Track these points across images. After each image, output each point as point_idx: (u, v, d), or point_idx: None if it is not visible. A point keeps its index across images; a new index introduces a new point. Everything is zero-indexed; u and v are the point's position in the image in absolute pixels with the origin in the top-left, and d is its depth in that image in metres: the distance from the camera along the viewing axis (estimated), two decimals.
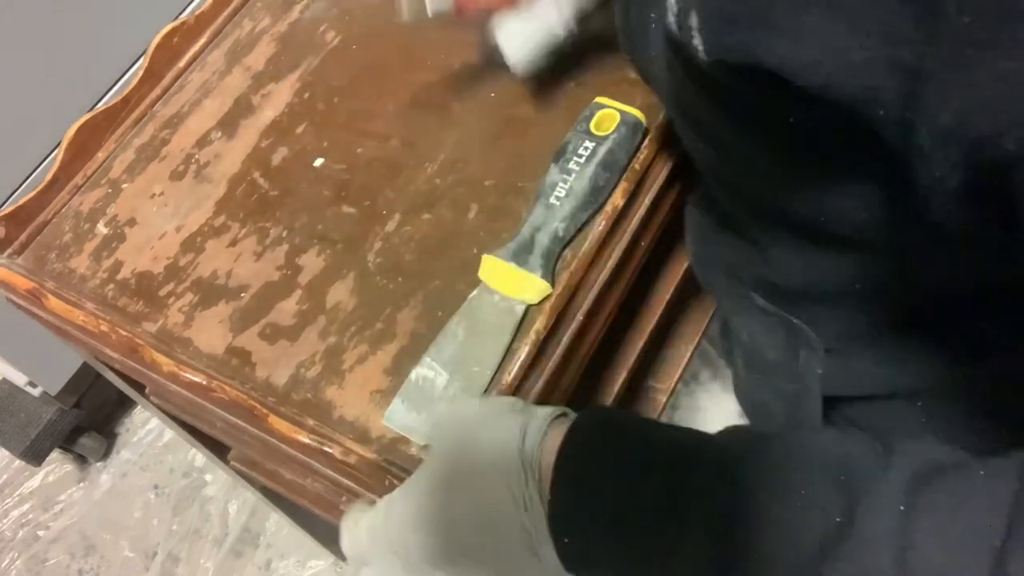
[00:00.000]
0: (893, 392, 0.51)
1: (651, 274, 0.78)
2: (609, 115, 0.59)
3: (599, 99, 0.61)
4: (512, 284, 0.56)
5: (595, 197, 0.58)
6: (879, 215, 0.39)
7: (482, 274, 0.58)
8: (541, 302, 0.56)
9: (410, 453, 0.53)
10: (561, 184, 0.58)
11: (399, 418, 0.54)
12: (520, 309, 0.56)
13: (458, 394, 0.54)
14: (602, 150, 0.58)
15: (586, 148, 0.58)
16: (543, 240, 0.57)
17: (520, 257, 0.56)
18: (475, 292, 0.57)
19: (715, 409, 1.28)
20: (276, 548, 1.31)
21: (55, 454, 1.38)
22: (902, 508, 0.33)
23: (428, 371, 0.55)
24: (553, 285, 0.57)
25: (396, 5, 0.59)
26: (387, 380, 0.56)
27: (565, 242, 0.58)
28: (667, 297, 0.77)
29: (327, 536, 1.21)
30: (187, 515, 1.36)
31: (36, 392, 1.29)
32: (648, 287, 0.78)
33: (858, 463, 0.35)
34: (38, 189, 0.66)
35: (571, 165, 0.58)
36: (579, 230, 0.58)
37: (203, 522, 1.35)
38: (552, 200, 0.57)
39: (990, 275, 0.44)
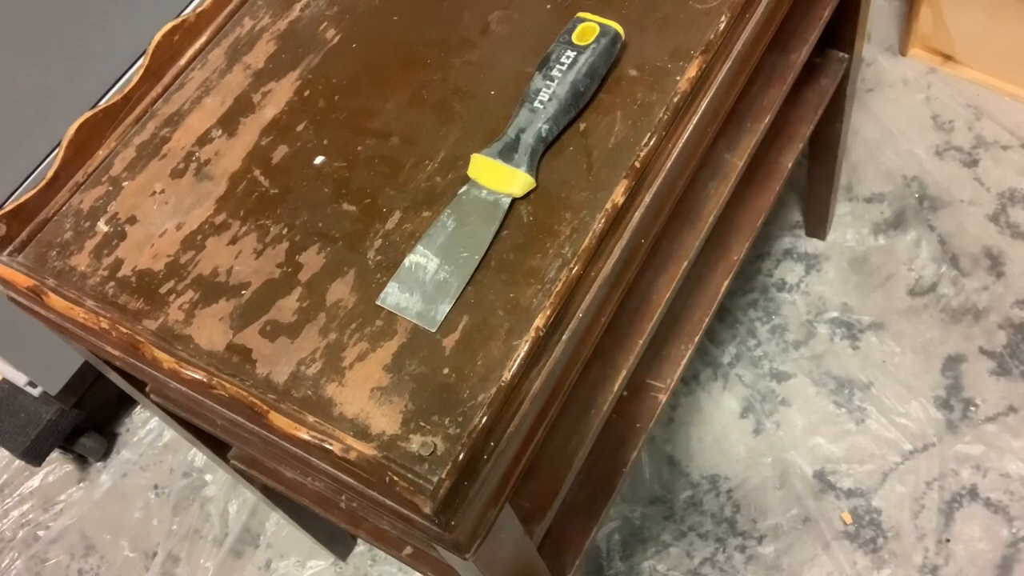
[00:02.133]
0: None
1: (651, 273, 0.78)
2: (590, 27, 0.64)
3: (581, 14, 0.66)
4: (499, 179, 0.61)
5: (576, 102, 0.63)
6: None
7: (471, 172, 0.62)
8: (527, 194, 0.61)
9: (410, 450, 0.53)
10: (545, 89, 0.62)
11: (392, 299, 0.58)
12: (506, 201, 0.61)
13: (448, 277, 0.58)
14: (583, 59, 0.63)
15: (568, 57, 0.63)
16: (528, 140, 0.61)
17: (506, 155, 0.61)
18: (464, 188, 0.62)
19: (715, 409, 1.29)
20: (276, 548, 1.30)
21: (55, 454, 1.38)
22: None
23: (421, 258, 0.59)
24: (536, 182, 0.61)
25: None
26: (387, 377, 0.56)
27: (548, 142, 0.62)
28: (666, 296, 0.77)
29: (327, 536, 1.21)
30: (187, 515, 1.36)
31: (36, 392, 1.28)
32: (648, 286, 0.78)
33: None
34: (39, 187, 0.66)
35: (554, 72, 0.63)
36: (560, 133, 0.63)
37: (203, 522, 1.35)
38: (536, 104, 0.62)
39: None
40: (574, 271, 0.56)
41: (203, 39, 0.72)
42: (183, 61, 0.71)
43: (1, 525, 1.41)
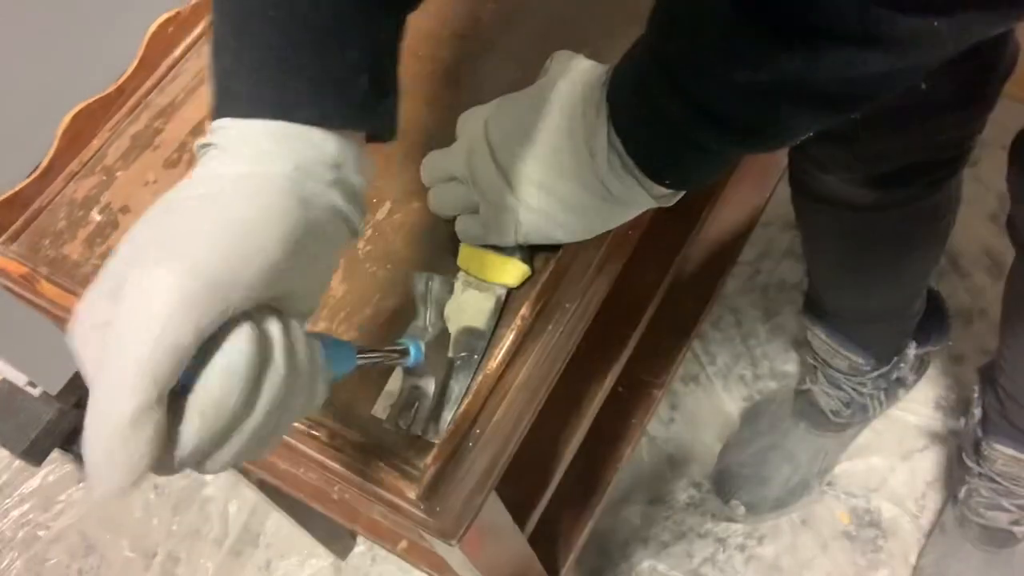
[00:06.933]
0: None
1: (644, 263, 0.78)
2: None
3: None
4: (491, 269, 0.57)
5: None
6: None
7: (461, 262, 0.58)
8: (522, 284, 0.57)
9: (396, 437, 0.53)
10: None
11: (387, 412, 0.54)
12: (502, 292, 0.57)
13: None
14: None
15: None
16: None
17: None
18: (456, 280, 0.58)
19: (715, 409, 1.28)
20: (276, 548, 1.31)
21: (55, 454, 1.37)
22: None
23: (414, 378, 0.54)
24: (532, 266, 0.58)
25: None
26: None
27: None
28: (659, 290, 0.78)
29: (326, 534, 1.21)
30: (187, 515, 1.36)
31: (36, 392, 1.29)
32: (640, 279, 0.78)
33: None
34: (33, 176, 0.66)
35: None
36: None
37: (203, 522, 1.35)
38: None
39: None
40: (561, 260, 0.56)
41: (197, 31, 0.72)
42: (177, 53, 0.72)
43: (1, 525, 1.42)
